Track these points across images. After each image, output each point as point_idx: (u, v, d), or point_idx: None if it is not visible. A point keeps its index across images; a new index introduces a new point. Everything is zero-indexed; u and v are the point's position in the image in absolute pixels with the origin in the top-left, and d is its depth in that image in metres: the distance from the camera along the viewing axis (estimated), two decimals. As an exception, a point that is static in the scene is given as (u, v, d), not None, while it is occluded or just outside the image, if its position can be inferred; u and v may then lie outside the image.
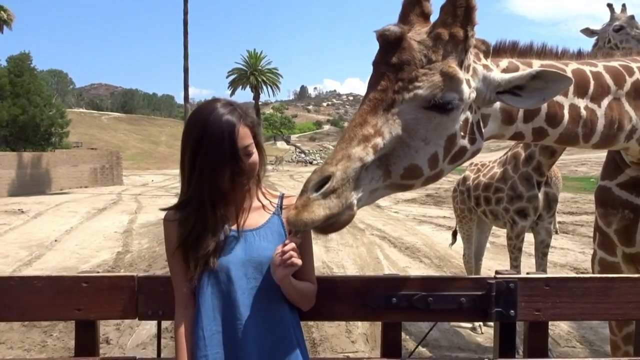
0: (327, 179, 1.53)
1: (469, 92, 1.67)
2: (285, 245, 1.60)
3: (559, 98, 1.91)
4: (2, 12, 27.62)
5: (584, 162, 29.74)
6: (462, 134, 1.70)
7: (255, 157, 1.72)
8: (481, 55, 1.78)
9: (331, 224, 1.56)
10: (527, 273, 1.85)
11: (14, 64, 29.78)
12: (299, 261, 1.59)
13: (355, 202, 1.57)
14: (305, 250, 1.76)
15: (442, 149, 1.67)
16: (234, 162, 1.63)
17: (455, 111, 1.65)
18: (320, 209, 1.50)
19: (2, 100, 27.98)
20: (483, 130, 1.80)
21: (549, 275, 1.83)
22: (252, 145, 1.70)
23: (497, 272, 1.84)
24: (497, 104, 1.83)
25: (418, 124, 1.62)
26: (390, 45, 1.64)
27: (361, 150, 1.57)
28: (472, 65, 1.72)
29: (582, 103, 1.95)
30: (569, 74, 1.94)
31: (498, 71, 1.79)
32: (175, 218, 1.73)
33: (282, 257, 1.58)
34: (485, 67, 1.77)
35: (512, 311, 1.76)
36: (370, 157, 1.58)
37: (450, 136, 1.67)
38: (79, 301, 1.82)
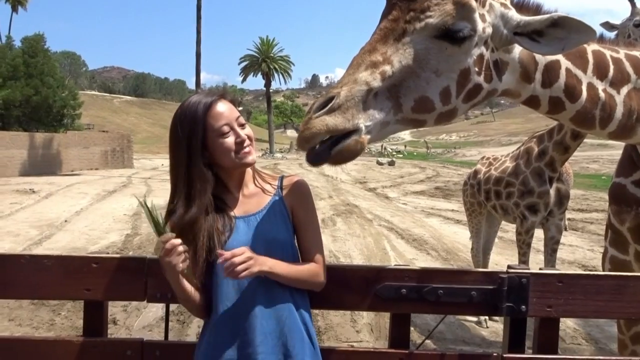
0: (331, 100, 1.52)
1: (482, 25, 1.64)
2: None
3: (577, 72, 1.86)
4: (17, -8, 27.67)
5: (595, 160, 29.44)
6: (476, 69, 1.66)
7: (249, 128, 1.72)
8: None
9: (340, 151, 1.53)
10: (540, 269, 1.83)
11: (28, 44, 29.85)
12: (240, 272, 1.52)
13: (362, 126, 1.54)
14: (306, 229, 1.74)
15: (454, 83, 1.64)
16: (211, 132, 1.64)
17: (468, 42, 1.62)
18: (321, 123, 1.49)
19: (16, 81, 28.08)
20: (502, 77, 1.76)
21: (562, 271, 1.81)
22: (241, 117, 1.71)
23: (509, 267, 1.82)
24: (517, 54, 1.78)
25: (429, 54, 1.60)
26: None
27: (368, 74, 1.56)
28: (489, 1, 1.69)
29: (600, 85, 1.90)
30: (589, 53, 1.90)
31: (515, 12, 1.74)
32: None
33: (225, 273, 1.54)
34: (504, 5, 1.73)
35: (523, 306, 1.74)
36: (377, 82, 1.56)
37: (463, 70, 1.64)
38: (89, 281, 1.83)
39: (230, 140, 1.66)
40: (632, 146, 2.33)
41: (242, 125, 1.70)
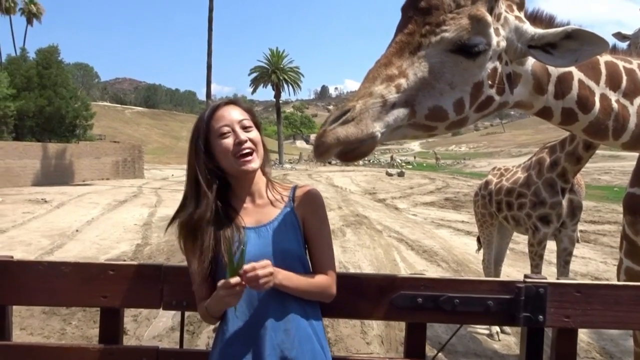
0: (346, 112, 1.54)
1: (497, 39, 1.65)
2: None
3: (590, 83, 1.86)
4: (32, 5, 28.20)
5: (607, 171, 29.16)
6: (489, 82, 1.68)
7: (255, 134, 1.72)
8: (514, 7, 1.76)
9: (351, 150, 1.55)
10: (557, 278, 1.80)
11: (42, 56, 30.34)
12: (265, 282, 1.52)
13: (378, 134, 1.56)
14: (318, 240, 1.74)
15: (468, 95, 1.65)
16: (212, 133, 1.68)
17: (482, 56, 1.63)
18: (335, 134, 1.51)
19: (30, 92, 28.51)
20: (514, 90, 1.77)
21: (580, 281, 1.78)
22: (249, 121, 1.72)
23: (526, 276, 1.80)
24: (529, 66, 1.79)
25: (444, 67, 1.61)
26: None
27: (384, 88, 1.57)
28: (504, 14, 1.70)
29: (613, 96, 1.90)
30: (602, 64, 1.90)
31: (530, 25, 1.75)
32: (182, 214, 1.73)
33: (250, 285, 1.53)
34: (518, 18, 1.74)
35: (540, 316, 1.72)
36: (392, 95, 1.57)
37: (477, 83, 1.65)
38: (105, 288, 1.84)
39: (228, 141, 1.67)
40: None
41: (246, 128, 1.70)
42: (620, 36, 5.19)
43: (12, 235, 11.03)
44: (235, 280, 1.50)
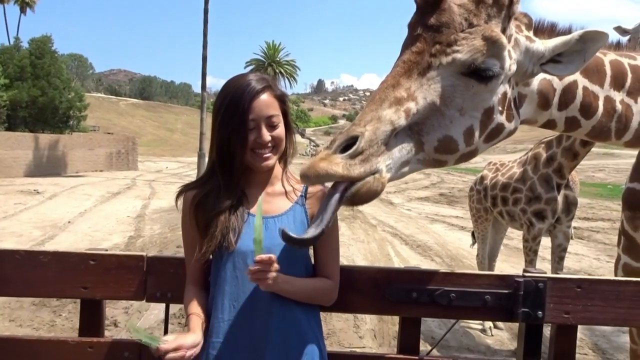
0: (354, 140, 1.39)
1: (509, 62, 1.56)
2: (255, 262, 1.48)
3: (594, 88, 1.81)
4: (25, -7, 27.85)
5: (601, 168, 29.27)
6: (499, 108, 1.58)
7: (280, 130, 1.63)
8: (523, 27, 1.67)
9: (358, 192, 1.39)
10: (557, 272, 1.74)
11: (36, 46, 29.99)
12: (270, 277, 1.47)
13: (383, 167, 1.42)
14: (325, 241, 1.66)
15: (478, 122, 1.55)
16: (243, 126, 1.57)
17: (495, 81, 1.53)
18: (339, 167, 1.34)
19: (23, 82, 28.21)
20: (520, 109, 1.70)
21: (581, 276, 1.72)
22: (277, 117, 1.62)
23: (525, 270, 1.74)
24: (535, 86, 1.73)
25: (455, 91, 1.50)
26: (429, 6, 1.52)
27: (393, 113, 1.44)
28: (515, 35, 1.61)
29: (618, 96, 1.85)
30: (607, 65, 1.85)
31: (540, 42, 1.67)
32: (194, 188, 1.68)
33: (252, 277, 1.48)
34: (528, 38, 1.66)
35: (539, 312, 1.66)
36: (402, 121, 1.45)
37: (487, 109, 1.56)
38: (86, 279, 1.76)
39: (250, 136, 1.59)
40: None
41: (272, 126, 1.62)
42: (620, 30, 5.16)
43: (3, 227, 10.93)
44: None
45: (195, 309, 1.61)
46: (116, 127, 66.21)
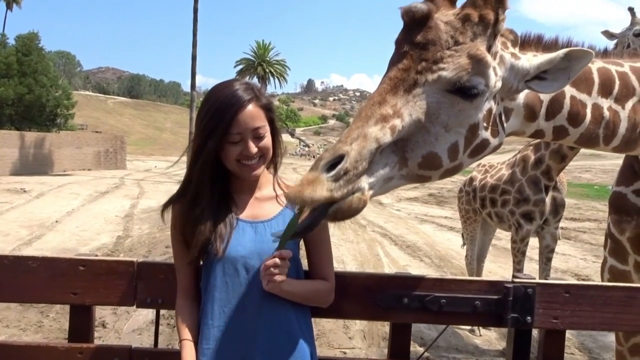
0: (340, 159, 1.40)
1: (494, 79, 1.57)
2: (268, 259, 1.51)
3: (582, 96, 1.82)
4: (12, -10, 27.50)
5: (588, 169, 29.61)
6: (484, 124, 1.60)
7: (267, 141, 1.62)
8: (509, 44, 1.69)
9: (339, 210, 1.41)
10: (546, 277, 1.76)
11: (22, 42, 29.65)
12: (280, 278, 1.50)
13: (366, 186, 1.44)
14: (318, 245, 1.68)
15: (463, 138, 1.56)
16: (226, 139, 1.56)
17: (480, 98, 1.54)
18: (323, 191, 1.36)
19: (9, 79, 27.88)
20: (505, 125, 1.72)
21: (569, 282, 1.74)
22: (263, 128, 1.61)
23: (514, 276, 1.76)
24: (521, 100, 1.74)
25: (440, 108, 1.51)
26: (415, 23, 1.53)
27: (378, 130, 1.45)
28: (500, 52, 1.62)
29: (605, 103, 1.87)
30: (595, 73, 1.87)
31: (526, 59, 1.68)
32: (177, 200, 1.67)
33: (264, 273, 1.50)
34: (514, 55, 1.67)
35: (528, 318, 1.67)
36: (387, 138, 1.46)
37: (472, 126, 1.57)
38: (75, 285, 1.74)
39: (236, 149, 1.58)
40: (633, 155, 2.29)
41: (259, 138, 1.60)
42: (608, 35, 5.21)
43: (-12, 226, 10.79)
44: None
45: (187, 334, 1.61)
46: (104, 126, 65.64)
